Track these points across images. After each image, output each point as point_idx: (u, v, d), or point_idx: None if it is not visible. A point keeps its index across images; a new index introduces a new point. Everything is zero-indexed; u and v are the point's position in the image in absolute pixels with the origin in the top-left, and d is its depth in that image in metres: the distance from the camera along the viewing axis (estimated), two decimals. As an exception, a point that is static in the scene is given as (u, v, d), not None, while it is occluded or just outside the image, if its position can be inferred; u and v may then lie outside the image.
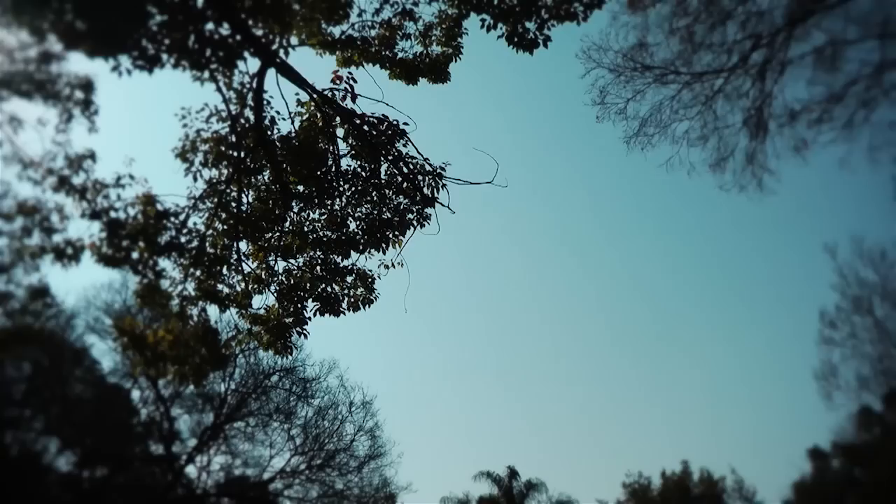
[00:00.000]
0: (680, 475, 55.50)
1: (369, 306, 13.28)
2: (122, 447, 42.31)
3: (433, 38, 13.15)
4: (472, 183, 12.34)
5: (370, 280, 13.18)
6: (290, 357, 14.07)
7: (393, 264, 13.02)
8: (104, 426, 42.31)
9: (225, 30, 10.39)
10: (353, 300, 13.20)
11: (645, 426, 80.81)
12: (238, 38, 10.58)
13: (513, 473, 51.30)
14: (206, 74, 11.06)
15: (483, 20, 12.01)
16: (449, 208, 12.57)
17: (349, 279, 13.16)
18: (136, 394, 43.18)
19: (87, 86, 12.33)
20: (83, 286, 46.79)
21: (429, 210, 12.70)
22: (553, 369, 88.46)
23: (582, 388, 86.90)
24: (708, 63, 18.30)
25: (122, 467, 43.23)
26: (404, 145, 12.47)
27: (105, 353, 44.41)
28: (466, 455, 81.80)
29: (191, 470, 44.30)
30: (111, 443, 42.29)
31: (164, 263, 12.76)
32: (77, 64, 12.23)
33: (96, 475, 44.43)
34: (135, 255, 12.50)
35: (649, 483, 56.46)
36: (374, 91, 12.42)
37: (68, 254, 12.42)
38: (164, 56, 9.94)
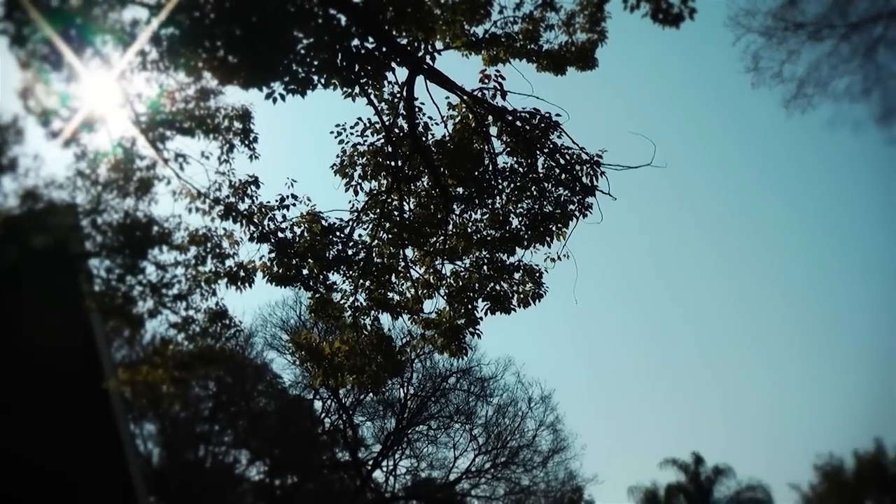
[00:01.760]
0: (874, 454, 52.85)
1: (539, 301, 13.18)
2: (310, 455, 43.43)
3: (577, 25, 12.91)
4: (630, 167, 12.11)
5: (538, 275, 13.06)
6: (465, 358, 14.14)
7: (559, 257, 12.88)
8: (290, 436, 43.51)
9: (370, 43, 10.47)
10: (522, 296, 13.11)
11: (832, 403, 77.71)
12: (384, 49, 10.66)
13: (698, 459, 50.25)
14: (357, 89, 11.21)
15: (625, 1, 11.73)
16: (610, 195, 12.37)
17: (517, 276, 13.07)
18: (318, 404, 44.24)
19: (245, 116, 12.66)
20: (258, 305, 48.39)
21: (590, 199, 12.50)
22: (731, 349, 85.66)
23: (764, 367, 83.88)
24: (864, 11, 17.46)
25: (310, 475, 44.37)
26: (559, 137, 12.31)
27: (285, 368, 45.68)
28: (650, 442, 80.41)
29: (378, 475, 45.11)
30: (298, 452, 43.44)
31: (334, 277, 13.06)
32: (233, 96, 12.56)
33: (287, 483, 45.72)
34: (305, 271, 12.81)
35: (842, 464, 54.06)
36: (523, 85, 12.33)
37: (241, 276, 12.81)
38: (315, 77, 10.08)
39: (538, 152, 12.43)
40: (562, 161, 12.37)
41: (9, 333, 14.15)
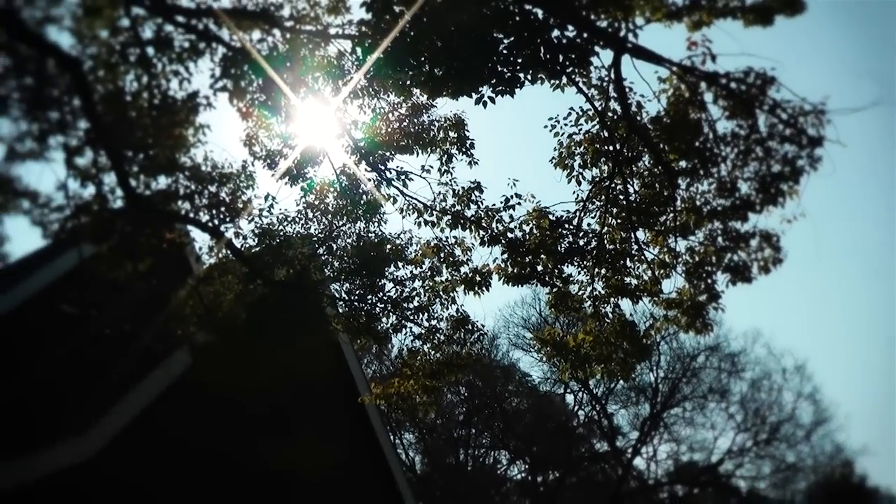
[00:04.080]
0: None
1: (779, 266, 12.70)
2: (568, 449, 43.60)
3: (780, -30, 12.37)
4: (858, 110, 11.46)
5: (775, 239, 12.59)
6: (711, 335, 13.80)
7: (794, 217, 12.35)
8: (546, 432, 43.84)
9: (570, 32, 10.41)
10: (762, 263, 12.67)
11: None
12: (585, 35, 10.56)
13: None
14: (564, 79, 11.17)
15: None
16: (840, 143, 11.75)
17: (753, 243, 12.64)
18: (569, 397, 44.34)
19: (459, 124, 12.90)
20: (498, 307, 49.06)
21: (819, 151, 11.92)
22: None
23: None
24: None
25: (571, 468, 44.54)
26: (777, 91, 11.81)
27: (532, 365, 46.12)
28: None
29: (638, 462, 44.72)
30: (556, 447, 43.72)
31: (569, 269, 13.06)
32: (444, 107, 12.83)
33: (549, 479, 46.09)
34: (539, 268, 12.87)
35: None
36: (731, 45, 11.92)
37: (477, 281, 13.03)
38: (521, 75, 10.11)
39: (758, 111, 11.98)
40: (783, 116, 11.86)
41: (268, 364, 14.92)
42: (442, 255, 13.28)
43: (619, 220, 12.88)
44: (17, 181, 12.42)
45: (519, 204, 12.81)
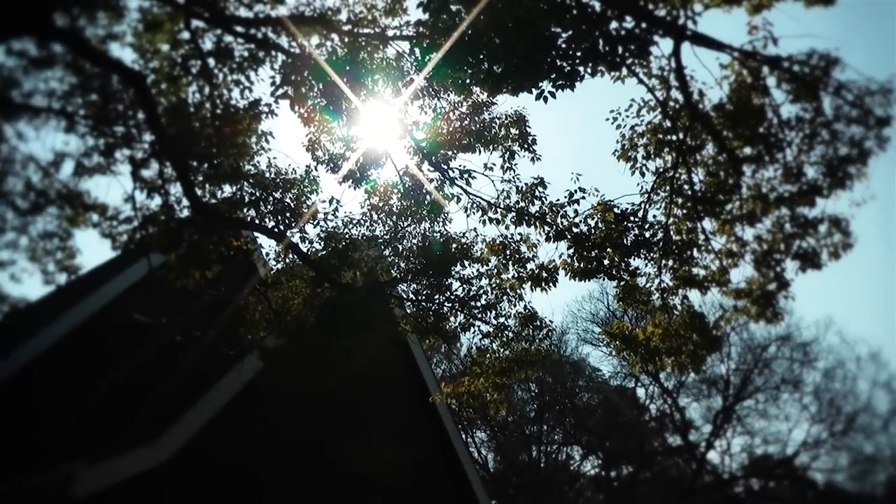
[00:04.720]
0: None
1: (849, 250, 12.46)
2: (641, 444, 43.29)
3: (839, -55, 12.13)
4: (930, 88, 11.20)
5: (844, 223, 12.36)
6: (782, 324, 13.61)
7: (864, 200, 12.11)
8: (618, 427, 43.59)
9: (628, 23, 10.33)
10: (831, 249, 12.44)
11: None
12: (644, 25, 10.48)
13: None
14: (624, 71, 11.10)
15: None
16: (910, 121, 11.48)
17: (822, 228, 12.42)
18: (640, 391, 44.01)
19: (520, 120, 12.88)
20: (566, 303, 48.93)
21: (887, 131, 11.67)
22: None
23: None
24: None
25: (645, 463, 44.23)
26: (841, 72, 11.60)
27: (602, 360, 45.89)
28: None
29: (713, 456, 44.16)
30: (629, 441, 43.46)
31: (636, 262, 12.95)
32: (504, 104, 12.82)
33: (622, 473, 45.86)
34: (605, 261, 12.79)
35: None
36: (793, 26, 11.70)
37: (544, 277, 12.98)
38: (580, 68, 10.07)
39: (822, 93, 11.77)
40: (849, 97, 11.64)
41: (338, 366, 15.04)
42: (507, 252, 13.26)
43: (684, 211, 12.74)
44: (86, 195, 12.71)
45: (583, 198, 12.74)
